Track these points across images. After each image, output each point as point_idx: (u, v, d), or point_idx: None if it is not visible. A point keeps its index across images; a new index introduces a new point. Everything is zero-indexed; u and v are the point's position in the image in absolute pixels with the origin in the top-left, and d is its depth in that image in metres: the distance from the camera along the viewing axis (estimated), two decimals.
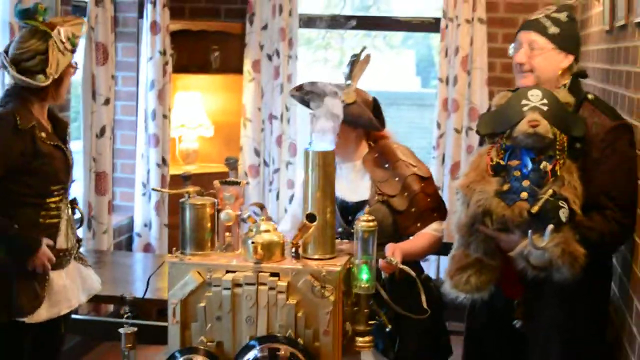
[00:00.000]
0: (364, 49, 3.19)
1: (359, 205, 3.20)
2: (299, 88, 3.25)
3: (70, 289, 3.35)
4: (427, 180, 3.30)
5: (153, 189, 4.39)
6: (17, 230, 3.14)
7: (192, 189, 2.63)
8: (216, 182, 2.68)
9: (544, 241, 2.55)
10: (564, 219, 2.57)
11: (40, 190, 3.21)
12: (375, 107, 3.28)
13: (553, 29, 2.93)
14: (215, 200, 2.63)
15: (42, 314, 3.22)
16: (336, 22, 3.90)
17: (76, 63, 3.35)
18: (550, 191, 2.60)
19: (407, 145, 3.45)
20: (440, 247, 3.36)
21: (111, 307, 5.19)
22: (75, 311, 3.71)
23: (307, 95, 3.18)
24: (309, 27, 6.09)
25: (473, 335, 3.24)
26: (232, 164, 2.78)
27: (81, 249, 3.56)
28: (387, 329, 2.65)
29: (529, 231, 2.57)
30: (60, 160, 3.26)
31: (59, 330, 3.39)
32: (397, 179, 3.25)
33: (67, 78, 3.31)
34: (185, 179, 2.71)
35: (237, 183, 2.66)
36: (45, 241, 3.19)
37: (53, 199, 3.24)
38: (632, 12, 3.18)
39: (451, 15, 5.54)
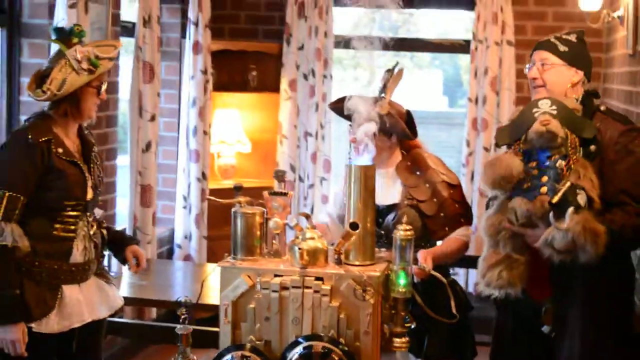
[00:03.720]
0: (397, 64, 3.41)
1: (390, 209, 3.43)
2: (339, 101, 3.46)
3: (85, 304, 3.30)
4: (455, 187, 3.50)
5: (207, 198, 4.54)
6: (14, 293, 3.09)
7: (244, 199, 2.81)
8: (265, 193, 2.87)
9: (565, 223, 2.74)
10: (582, 203, 2.76)
11: (54, 204, 3.20)
12: (408, 118, 3.50)
13: (563, 48, 3.16)
14: (264, 210, 2.82)
15: (53, 325, 3.20)
16: (371, 43, 4.09)
17: (101, 85, 3.29)
18: (569, 183, 2.80)
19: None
20: (466, 251, 3.53)
21: (154, 314, 5.40)
22: (120, 316, 3.76)
23: (346, 108, 3.38)
24: (344, 48, 6.30)
25: (500, 349, 3.41)
26: (280, 176, 2.97)
27: (106, 266, 3.56)
28: (412, 326, 2.82)
29: (551, 217, 2.77)
30: (76, 177, 3.24)
31: (70, 345, 3.35)
32: (427, 185, 3.45)
33: (88, 97, 3.25)
34: (237, 189, 2.89)
35: (285, 194, 2.85)
36: (22, 327, 3.11)
37: (68, 214, 3.23)
38: None
39: (481, 37, 5.74)
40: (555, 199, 2.79)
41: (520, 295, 3.05)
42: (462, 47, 6.12)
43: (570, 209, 2.74)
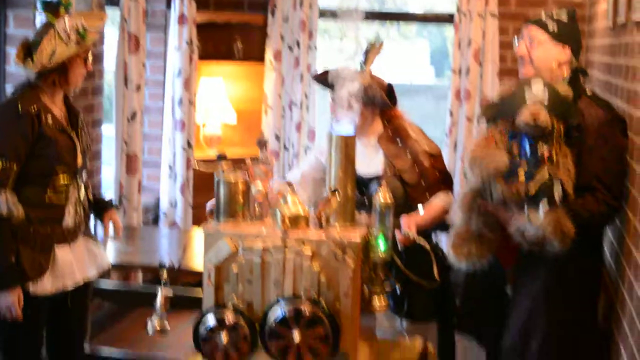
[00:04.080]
0: (377, 36, 3.47)
1: (373, 179, 3.49)
2: (324, 73, 3.52)
3: (76, 264, 3.40)
4: (436, 156, 3.57)
5: (193, 166, 4.56)
6: (9, 262, 3.18)
7: (227, 166, 2.89)
8: (248, 160, 2.93)
9: (539, 219, 2.81)
10: (557, 199, 2.82)
11: (45, 170, 3.27)
12: (389, 90, 3.57)
13: (552, 25, 3.19)
14: (247, 177, 2.89)
15: (47, 286, 3.29)
16: (356, 15, 4.14)
17: (88, 56, 3.36)
18: (546, 174, 2.85)
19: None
20: (447, 216, 3.60)
21: (140, 278, 5.47)
22: (105, 281, 3.82)
23: (330, 79, 3.44)
24: (329, 19, 6.35)
25: (468, 305, 3.50)
26: (262, 143, 3.03)
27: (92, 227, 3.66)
28: (398, 291, 2.90)
29: (525, 208, 2.84)
30: (65, 143, 3.31)
31: (66, 305, 3.45)
32: (408, 154, 3.52)
33: (76, 68, 3.32)
34: (220, 158, 2.96)
35: (267, 161, 2.92)
36: (17, 292, 3.19)
37: (60, 181, 3.30)
38: (632, 11, 3.42)
39: (464, 9, 5.78)
40: (532, 190, 2.84)
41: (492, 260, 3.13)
42: (446, 18, 6.17)
43: (545, 206, 2.80)
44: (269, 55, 6.11)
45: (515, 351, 3.17)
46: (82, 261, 3.44)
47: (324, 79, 3.49)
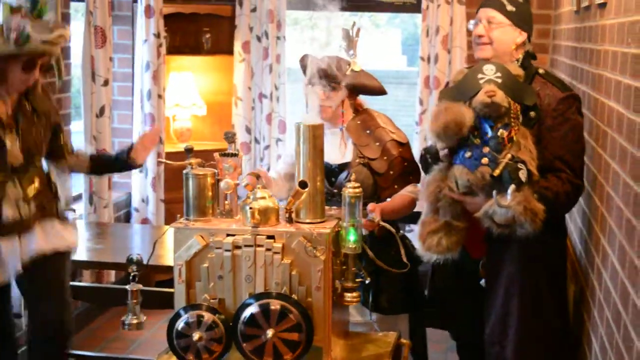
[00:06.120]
0: (354, 23, 3.46)
1: (342, 167, 3.50)
2: (302, 58, 3.52)
3: (23, 253, 3.50)
4: (404, 145, 3.57)
5: (159, 161, 4.57)
6: None
7: (195, 160, 2.86)
8: (216, 154, 2.91)
9: (507, 200, 2.82)
10: (523, 179, 2.83)
11: None
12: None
13: (510, 7, 3.20)
14: (216, 171, 2.87)
15: None
16: (322, 4, 4.13)
17: (33, 65, 3.35)
18: (509, 155, 2.86)
19: (394, 121, 3.72)
20: (414, 208, 3.61)
21: (113, 277, 5.44)
22: (79, 280, 3.88)
23: (314, 65, 3.43)
24: (296, 9, 6.33)
25: (437, 296, 3.51)
26: (230, 137, 3.02)
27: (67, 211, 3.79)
28: (367, 282, 2.91)
29: (494, 192, 2.84)
30: None
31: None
32: (377, 143, 3.52)
33: (14, 69, 3.33)
34: (188, 151, 2.94)
35: (235, 155, 2.90)
36: None
37: None
38: None
39: None
40: (497, 172, 2.85)
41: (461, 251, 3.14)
42: (413, 6, 6.17)
43: (512, 187, 2.80)
44: (237, 46, 6.08)
45: (494, 340, 3.18)
46: (32, 247, 3.51)
47: (303, 65, 3.50)
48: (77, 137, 5.24)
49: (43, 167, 3.65)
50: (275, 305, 2.66)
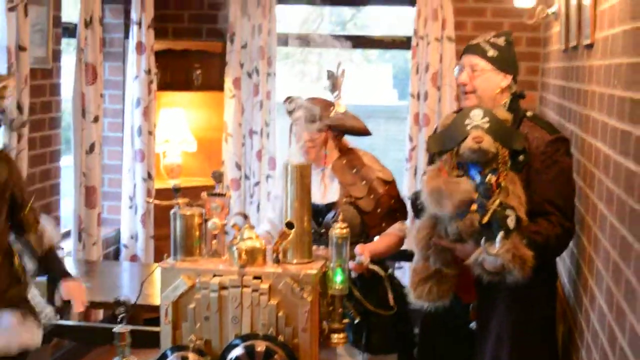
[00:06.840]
0: (339, 64, 3.48)
1: (329, 207, 3.49)
2: (290, 100, 3.54)
3: None
4: (390, 183, 3.59)
5: (147, 201, 4.54)
6: None
7: (182, 200, 2.86)
8: (204, 194, 2.92)
9: (495, 248, 2.80)
10: (512, 226, 2.82)
11: None
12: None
13: (492, 52, 3.20)
14: (203, 211, 2.87)
15: None
16: (312, 40, 4.17)
17: None
18: (497, 201, 2.84)
19: (385, 157, 3.74)
20: (402, 246, 3.62)
21: (101, 315, 5.40)
22: (66, 319, 3.75)
23: (299, 108, 3.44)
24: (287, 45, 6.36)
25: (427, 339, 3.48)
26: (217, 177, 3.02)
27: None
28: (356, 321, 2.89)
29: (482, 239, 2.84)
30: None
31: None
32: (364, 182, 3.53)
33: None
34: (176, 191, 2.93)
35: (223, 195, 2.91)
36: None
37: None
38: (582, 34, 3.46)
39: (422, 33, 5.81)
40: (485, 219, 2.84)
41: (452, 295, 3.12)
42: (403, 43, 6.20)
43: (501, 234, 2.79)
44: (228, 83, 6.09)
45: None
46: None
47: (288, 109, 3.52)
48: (68, 172, 5.23)
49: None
50: (261, 346, 2.65)
